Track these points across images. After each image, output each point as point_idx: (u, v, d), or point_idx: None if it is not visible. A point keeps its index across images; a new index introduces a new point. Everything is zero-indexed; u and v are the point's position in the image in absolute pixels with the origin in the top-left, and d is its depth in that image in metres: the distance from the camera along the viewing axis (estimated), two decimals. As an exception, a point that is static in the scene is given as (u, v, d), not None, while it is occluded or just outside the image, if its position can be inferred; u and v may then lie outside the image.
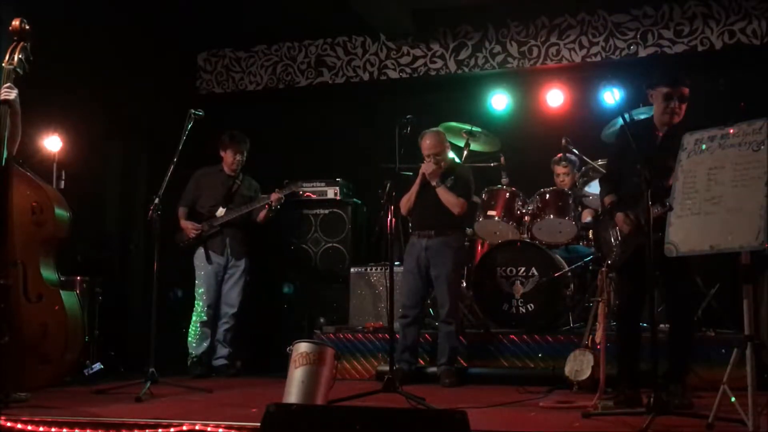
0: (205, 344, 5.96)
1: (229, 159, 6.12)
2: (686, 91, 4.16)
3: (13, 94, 3.94)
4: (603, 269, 4.60)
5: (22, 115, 4.03)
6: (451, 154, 5.72)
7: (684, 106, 4.15)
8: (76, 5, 6.13)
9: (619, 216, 4.14)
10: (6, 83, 3.94)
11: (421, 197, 5.42)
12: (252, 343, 6.55)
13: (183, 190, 6.09)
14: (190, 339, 5.96)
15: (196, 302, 6.01)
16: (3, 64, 3.99)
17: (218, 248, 6.03)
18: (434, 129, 5.51)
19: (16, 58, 3.97)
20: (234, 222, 6.05)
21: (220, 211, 6.04)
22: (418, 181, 5.42)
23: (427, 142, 5.38)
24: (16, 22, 4.02)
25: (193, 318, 5.99)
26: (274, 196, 6.01)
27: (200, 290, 5.99)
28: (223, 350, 6.02)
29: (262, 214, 6.09)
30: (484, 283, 5.82)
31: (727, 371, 3.35)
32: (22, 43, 4.01)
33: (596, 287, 4.82)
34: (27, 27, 4.03)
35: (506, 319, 5.72)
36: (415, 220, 5.51)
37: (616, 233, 4.24)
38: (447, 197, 5.34)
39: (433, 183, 5.35)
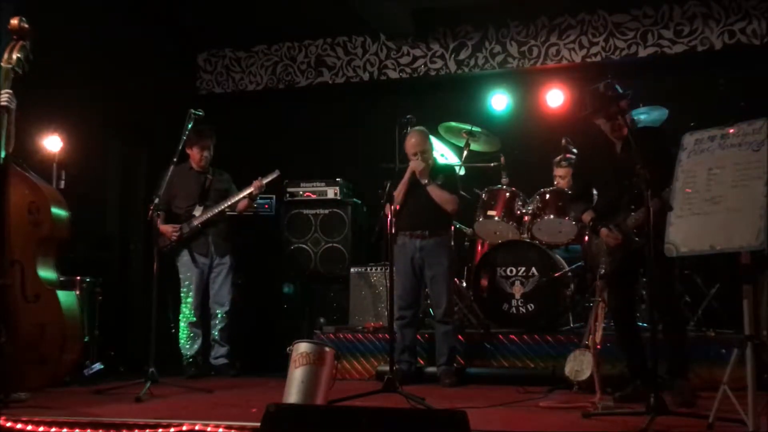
0: (197, 345, 5.93)
1: (197, 156, 6.01)
2: (623, 104, 4.23)
3: (13, 104, 3.93)
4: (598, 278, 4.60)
5: (22, 115, 4.03)
6: (434, 154, 5.71)
7: (627, 116, 4.25)
8: (76, 5, 6.13)
9: (603, 231, 4.28)
10: (6, 85, 3.93)
11: (411, 197, 5.36)
12: (252, 343, 6.54)
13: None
14: (181, 342, 5.93)
15: (182, 305, 5.95)
16: (1, 63, 3.98)
17: (202, 249, 5.97)
18: (418, 128, 5.43)
19: (14, 57, 3.97)
20: (214, 219, 5.98)
21: (198, 210, 5.96)
22: (406, 178, 5.34)
23: (413, 140, 5.34)
24: (15, 21, 4.01)
25: (181, 320, 5.95)
26: (256, 184, 5.92)
27: (188, 293, 5.93)
28: (221, 349, 6.00)
29: (243, 205, 6.02)
30: (484, 283, 5.81)
31: (727, 371, 3.35)
32: (21, 42, 4.01)
33: (596, 287, 4.82)
34: (26, 26, 4.02)
35: (506, 319, 5.71)
36: (405, 220, 5.40)
37: (602, 245, 4.34)
38: (440, 195, 5.31)
39: (424, 181, 5.31)
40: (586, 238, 4.51)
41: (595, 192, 4.74)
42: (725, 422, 3.27)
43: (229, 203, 5.98)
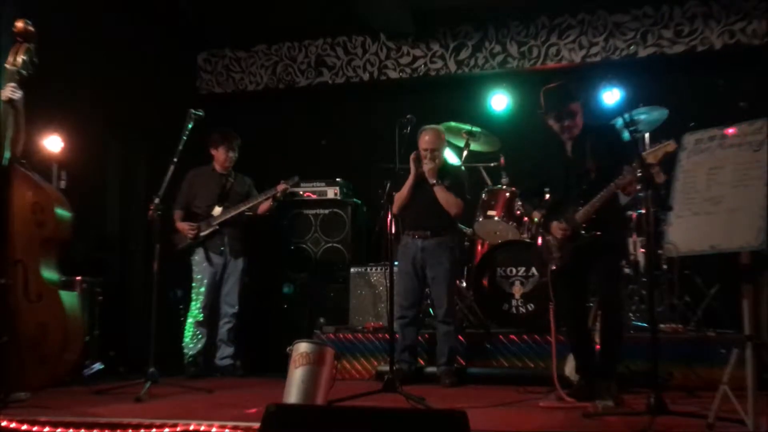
0: (200, 345, 5.94)
1: (222, 157, 6.08)
2: (574, 106, 4.33)
3: (18, 94, 3.93)
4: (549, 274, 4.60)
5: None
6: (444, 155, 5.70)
7: (578, 119, 4.35)
8: (76, 5, 6.13)
9: (554, 224, 4.33)
10: (10, 84, 3.93)
11: (416, 197, 5.37)
12: (252, 343, 6.55)
13: (176, 193, 6.02)
14: (185, 340, 5.95)
15: (192, 303, 5.99)
16: (6, 65, 3.98)
17: (217, 248, 6.01)
18: (434, 125, 5.46)
19: (19, 60, 3.97)
20: (232, 220, 6.03)
21: (217, 210, 6.01)
22: (411, 177, 5.35)
23: (426, 138, 5.34)
24: (20, 24, 4.01)
25: (189, 318, 5.97)
26: (280, 187, 5.97)
27: (199, 291, 5.97)
28: (227, 350, 6.02)
29: (264, 207, 6.06)
30: (484, 283, 5.81)
31: (727, 371, 3.36)
32: (26, 45, 4.00)
33: (547, 283, 4.81)
34: (31, 28, 4.02)
35: (506, 319, 5.72)
36: (409, 220, 5.44)
37: (552, 241, 4.39)
38: (446, 197, 5.31)
39: (432, 181, 5.31)
40: (539, 240, 4.54)
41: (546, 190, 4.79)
42: (725, 422, 3.27)
43: (251, 204, 6.02)
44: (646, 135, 5.83)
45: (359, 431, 2.74)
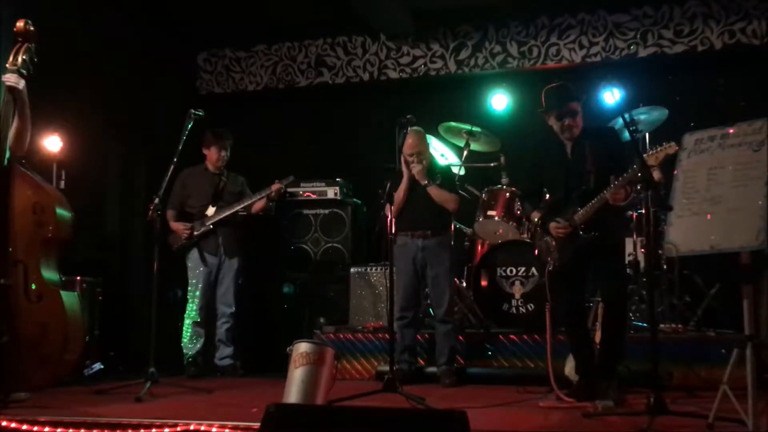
0: (199, 345, 5.93)
1: (214, 156, 6.07)
2: (575, 105, 4.34)
3: (22, 83, 3.90)
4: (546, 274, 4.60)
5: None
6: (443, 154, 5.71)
7: (578, 118, 4.35)
8: (76, 5, 6.13)
9: (553, 224, 4.33)
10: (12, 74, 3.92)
11: (411, 198, 5.36)
12: (252, 343, 6.55)
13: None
14: (184, 340, 5.94)
15: (188, 303, 5.97)
16: (7, 65, 3.97)
17: (212, 248, 6.00)
18: (415, 128, 5.41)
19: (20, 59, 3.96)
20: (226, 220, 6.02)
21: (210, 210, 5.99)
22: (405, 180, 5.34)
23: (410, 141, 5.31)
24: (20, 24, 4.00)
25: (186, 319, 5.96)
26: (274, 187, 5.96)
27: (195, 292, 5.95)
28: (226, 350, 6.01)
29: (259, 206, 6.05)
30: (484, 283, 5.81)
31: (727, 371, 3.36)
32: (26, 45, 3.99)
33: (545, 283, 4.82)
34: (32, 28, 4.01)
35: (506, 319, 5.72)
36: (406, 220, 5.39)
37: (550, 242, 4.39)
38: (441, 195, 5.31)
39: (424, 183, 5.30)
40: (536, 251, 4.55)
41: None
42: (725, 422, 3.27)
43: (245, 204, 6.01)
44: (646, 135, 5.84)
45: (359, 431, 2.75)
